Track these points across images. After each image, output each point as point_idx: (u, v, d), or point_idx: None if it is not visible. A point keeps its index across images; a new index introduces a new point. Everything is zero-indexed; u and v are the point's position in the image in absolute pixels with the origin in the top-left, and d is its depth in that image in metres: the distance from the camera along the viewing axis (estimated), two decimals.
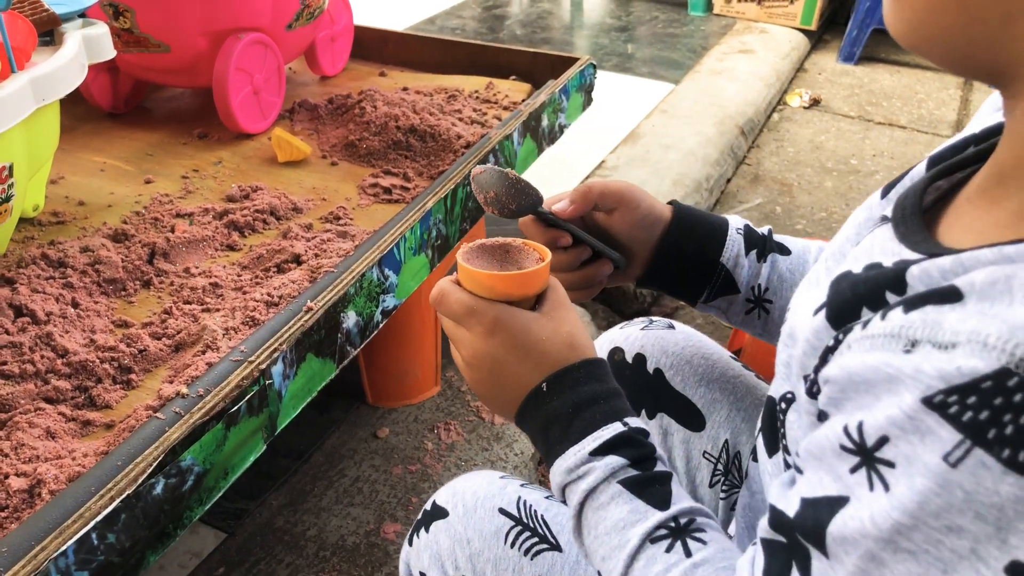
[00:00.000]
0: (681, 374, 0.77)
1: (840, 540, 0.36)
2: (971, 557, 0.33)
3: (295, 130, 1.29)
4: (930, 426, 0.33)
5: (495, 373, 0.58)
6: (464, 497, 0.68)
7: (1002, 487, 0.31)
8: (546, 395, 0.56)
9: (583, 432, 0.54)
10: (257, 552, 1.08)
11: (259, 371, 0.72)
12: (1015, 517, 0.31)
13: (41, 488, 0.63)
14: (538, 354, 0.57)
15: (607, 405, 0.55)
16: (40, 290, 0.86)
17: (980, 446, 0.32)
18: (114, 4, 1.15)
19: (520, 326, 0.57)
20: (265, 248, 0.95)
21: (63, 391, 0.75)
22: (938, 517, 0.33)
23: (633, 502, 0.52)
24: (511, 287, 0.58)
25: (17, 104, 0.80)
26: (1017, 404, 0.31)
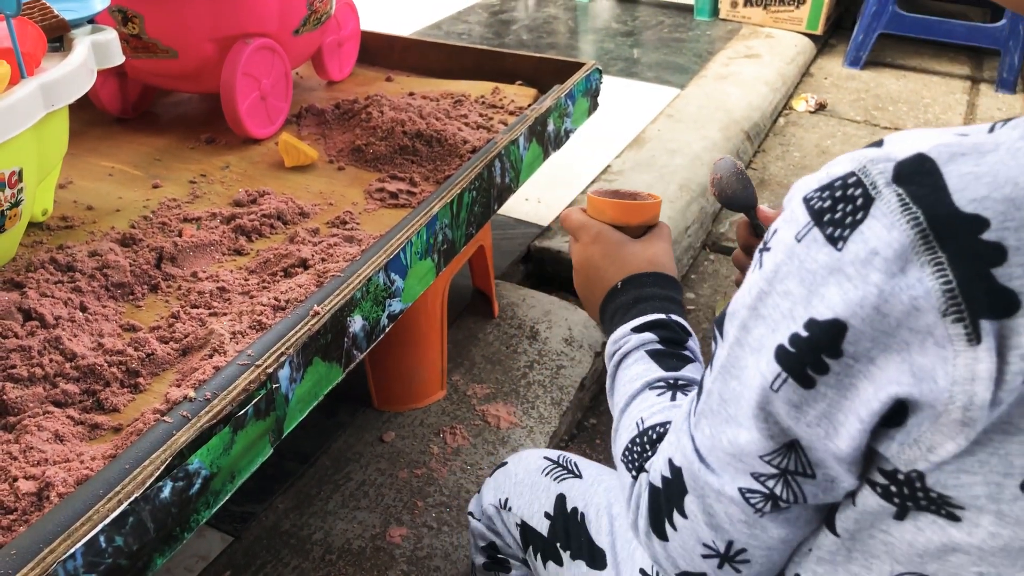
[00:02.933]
0: None
1: (730, 315, 0.46)
2: (788, 316, 0.41)
3: (302, 135, 1.30)
4: (797, 215, 0.41)
5: (590, 275, 0.73)
6: (523, 454, 0.88)
7: (819, 255, 0.39)
8: (620, 291, 0.70)
9: (634, 316, 0.67)
10: (263, 555, 1.08)
11: (266, 375, 0.72)
12: (820, 281, 0.39)
13: (49, 491, 0.63)
14: (623, 262, 0.71)
15: (660, 303, 0.68)
16: (49, 294, 0.86)
17: (817, 225, 0.40)
18: (123, 10, 1.15)
19: (615, 240, 0.72)
20: (272, 252, 0.96)
21: (71, 394, 0.75)
22: (782, 282, 0.41)
23: (649, 363, 0.63)
24: (616, 212, 0.73)
25: (27, 109, 0.81)
26: (848, 196, 0.39)
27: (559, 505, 0.80)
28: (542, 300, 1.58)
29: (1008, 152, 0.36)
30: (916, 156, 0.38)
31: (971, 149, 0.37)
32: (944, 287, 0.36)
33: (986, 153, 0.37)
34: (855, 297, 0.38)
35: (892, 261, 0.37)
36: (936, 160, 0.37)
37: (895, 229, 0.37)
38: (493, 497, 0.87)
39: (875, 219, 0.37)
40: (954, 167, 0.37)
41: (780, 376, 0.42)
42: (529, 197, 1.93)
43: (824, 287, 0.39)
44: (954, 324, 0.36)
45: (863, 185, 0.38)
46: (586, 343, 1.50)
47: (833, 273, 0.39)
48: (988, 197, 0.36)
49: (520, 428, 1.31)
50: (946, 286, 0.36)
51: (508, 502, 0.84)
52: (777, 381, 0.42)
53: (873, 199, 0.38)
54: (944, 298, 0.36)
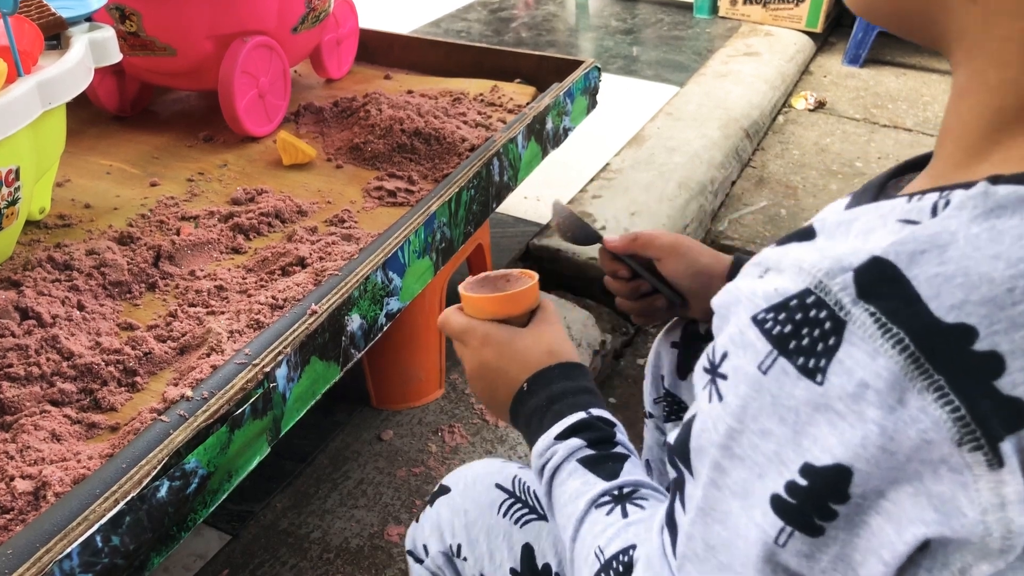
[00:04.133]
0: None
1: (697, 451, 0.42)
2: (775, 461, 0.37)
3: (300, 133, 1.29)
4: (751, 340, 0.37)
5: (490, 380, 0.67)
6: (466, 475, 0.75)
7: (796, 391, 0.36)
8: (527, 394, 0.64)
9: (553, 421, 0.61)
10: (261, 554, 1.08)
11: (263, 374, 0.72)
12: (806, 420, 0.36)
13: (46, 490, 0.63)
14: (522, 360, 0.65)
15: (575, 398, 0.62)
16: (46, 293, 0.86)
17: (783, 355, 0.36)
18: (120, 7, 1.15)
19: (505, 338, 0.66)
20: (270, 251, 0.96)
21: (68, 393, 0.75)
22: (755, 420, 0.38)
23: (585, 475, 0.58)
24: (496, 307, 0.67)
25: (24, 108, 0.81)
26: (812, 319, 0.35)
27: (526, 559, 0.70)
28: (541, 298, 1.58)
29: (969, 244, 0.34)
30: (872, 262, 0.35)
31: (928, 244, 0.34)
32: (953, 415, 0.33)
33: (946, 247, 0.34)
34: (854, 438, 0.34)
35: (886, 393, 0.34)
36: (896, 264, 0.34)
37: (880, 356, 0.33)
38: (439, 540, 0.74)
39: (852, 345, 0.34)
40: (919, 270, 0.34)
41: (784, 530, 0.38)
42: (528, 195, 1.93)
43: (813, 427, 0.36)
44: (972, 452, 0.33)
45: (826, 305, 0.35)
46: (584, 342, 1.50)
47: (820, 410, 0.35)
48: (967, 301, 0.33)
49: None
50: (955, 414, 0.33)
51: (461, 550, 0.72)
52: (782, 536, 0.38)
53: (844, 322, 0.34)
54: (956, 427, 0.33)
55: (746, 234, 1.99)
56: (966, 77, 0.40)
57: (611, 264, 0.80)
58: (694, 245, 0.78)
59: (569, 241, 0.80)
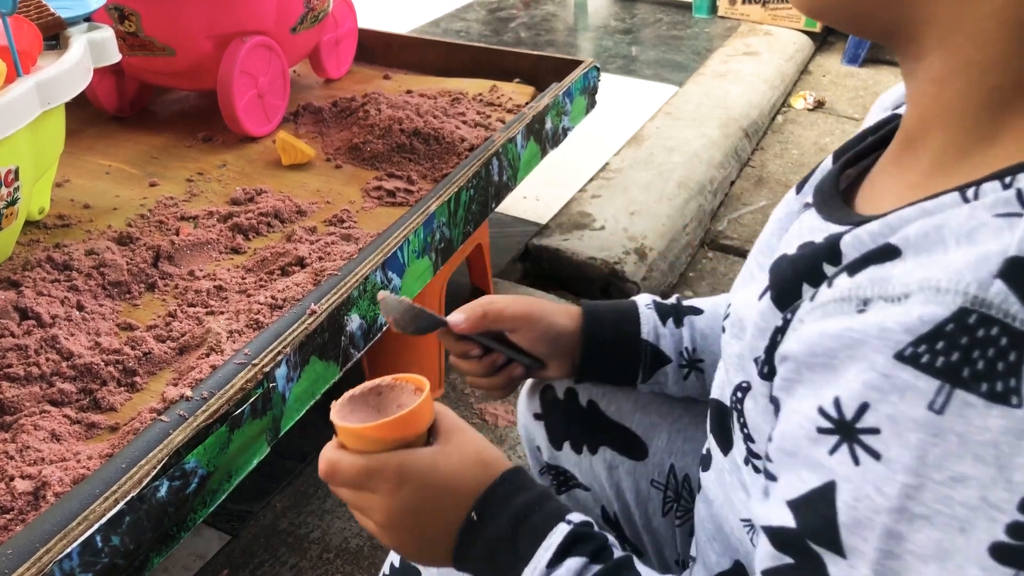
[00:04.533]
0: (615, 403, 0.75)
1: (854, 527, 0.35)
2: (983, 506, 0.32)
3: (299, 133, 1.29)
4: (907, 381, 0.33)
5: (418, 525, 0.54)
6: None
7: (990, 421, 0.32)
8: (479, 524, 0.53)
9: (531, 546, 0.51)
10: (261, 554, 1.08)
11: (263, 374, 0.72)
12: (1011, 452, 0.32)
13: (46, 490, 0.63)
14: (455, 488, 0.53)
15: (544, 510, 0.52)
16: (45, 293, 0.86)
17: (959, 387, 0.32)
18: (119, 7, 1.15)
19: (426, 466, 0.53)
20: (269, 251, 0.96)
21: (68, 394, 0.75)
22: (940, 468, 0.33)
23: None
24: (399, 430, 0.53)
25: (23, 108, 0.81)
26: (982, 339, 0.32)
27: None
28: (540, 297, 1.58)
29: None
30: (1012, 263, 0.32)
31: None
32: None
33: None
34: None
35: None
36: None
37: None
38: None
39: None
40: None
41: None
42: (527, 195, 1.93)
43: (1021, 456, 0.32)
44: None
45: (994, 320, 0.32)
46: None
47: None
48: None
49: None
50: None
51: None
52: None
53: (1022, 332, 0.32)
54: None
55: (745, 234, 1.99)
56: (943, 63, 0.39)
57: (460, 345, 0.71)
58: (545, 307, 0.72)
59: (410, 333, 0.68)
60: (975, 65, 0.38)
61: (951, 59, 0.39)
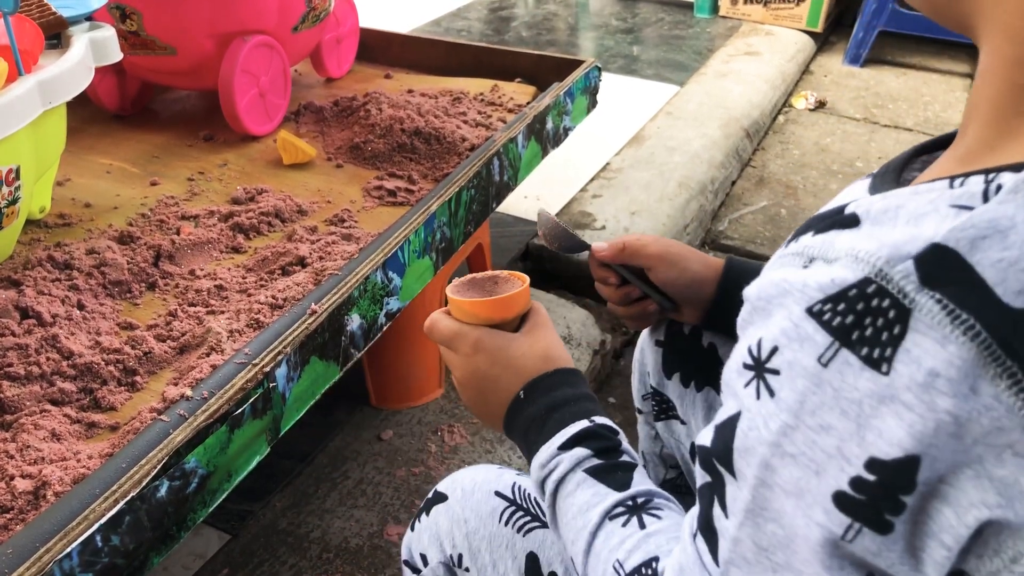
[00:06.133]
0: None
1: (743, 452, 0.40)
2: (837, 456, 0.36)
3: (300, 132, 1.29)
4: (809, 332, 0.36)
5: (481, 389, 0.64)
6: (463, 483, 0.73)
7: (860, 382, 0.35)
8: (524, 402, 0.62)
9: (554, 430, 0.59)
10: (261, 554, 1.08)
11: (263, 374, 0.72)
12: (870, 413, 0.35)
13: (46, 490, 0.63)
14: (516, 367, 0.63)
15: (576, 406, 0.60)
16: (46, 292, 0.86)
17: (845, 346, 0.35)
18: (121, 7, 1.15)
19: (499, 345, 0.63)
20: (270, 250, 0.96)
21: (68, 393, 0.75)
22: (813, 414, 0.36)
23: (595, 486, 0.56)
24: (489, 311, 0.64)
25: (24, 107, 0.81)
26: (874, 308, 0.35)
27: (531, 568, 0.68)
28: (541, 298, 1.58)
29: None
30: (933, 249, 0.34)
31: (988, 229, 0.34)
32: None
33: (1006, 232, 0.34)
34: (925, 429, 0.34)
35: (959, 382, 0.33)
36: (957, 250, 0.34)
37: (950, 343, 0.33)
38: (439, 549, 0.72)
39: (919, 334, 0.33)
40: (981, 256, 0.33)
41: (852, 527, 0.37)
42: (528, 195, 1.93)
43: (877, 419, 0.35)
44: None
45: (888, 294, 0.34)
46: (584, 341, 1.50)
47: (885, 402, 0.34)
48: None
49: None
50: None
51: (463, 560, 0.70)
52: (850, 532, 0.37)
53: (910, 310, 0.34)
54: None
55: (746, 234, 1.99)
56: (987, 55, 0.40)
57: (600, 271, 0.79)
58: (683, 251, 0.77)
59: (556, 250, 0.78)
60: (1009, 61, 0.39)
61: (993, 54, 0.40)
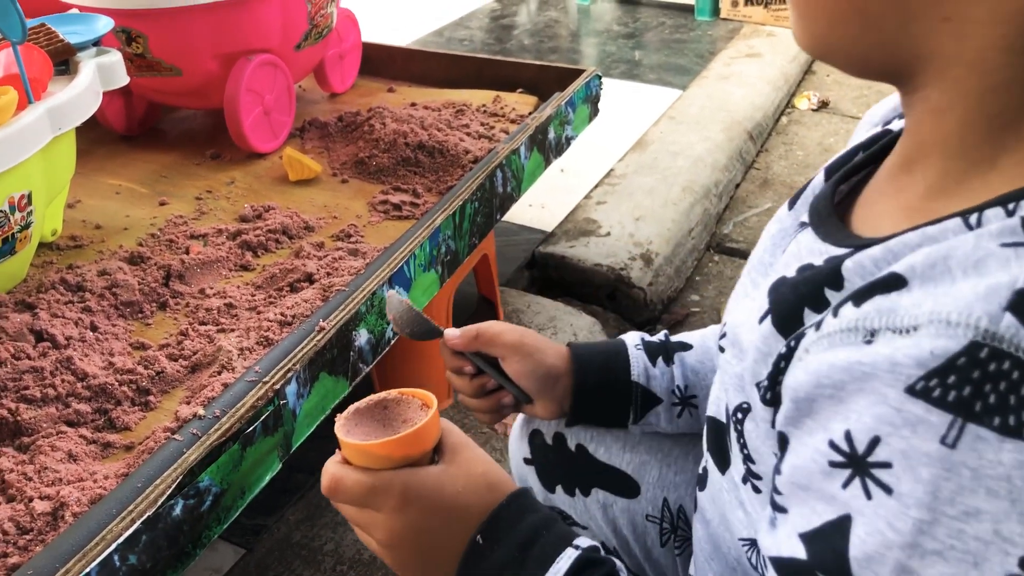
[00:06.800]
0: (603, 446, 0.76)
1: (866, 562, 0.35)
2: (996, 540, 0.33)
3: (305, 148, 1.31)
4: (919, 415, 0.33)
5: (420, 546, 0.53)
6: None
7: (1003, 455, 0.32)
8: (484, 548, 0.52)
9: (539, 571, 0.50)
10: (276, 567, 1.09)
11: (273, 391, 0.73)
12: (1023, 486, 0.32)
13: (64, 511, 0.64)
14: (461, 509, 0.53)
15: (552, 534, 0.52)
16: (60, 314, 0.88)
17: (972, 421, 0.32)
18: (127, 30, 1.17)
19: (432, 486, 0.52)
20: (278, 268, 0.97)
21: (83, 414, 0.76)
22: (953, 503, 0.33)
23: None
24: (406, 448, 0.52)
25: (35, 134, 0.82)
26: (994, 373, 0.32)
27: None
28: (547, 306, 1.59)
29: None
30: (1019, 295, 0.33)
31: None
32: None
33: None
34: None
35: None
36: None
37: None
38: None
39: None
40: None
41: None
42: (533, 203, 1.94)
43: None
44: None
45: (1006, 355, 0.32)
46: None
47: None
48: None
49: None
50: None
51: None
52: None
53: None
54: None
55: (751, 236, 1.99)
56: (940, 93, 0.40)
57: (453, 361, 0.72)
58: (538, 343, 0.72)
59: (407, 336, 0.70)
60: (974, 94, 0.38)
61: (949, 90, 0.39)
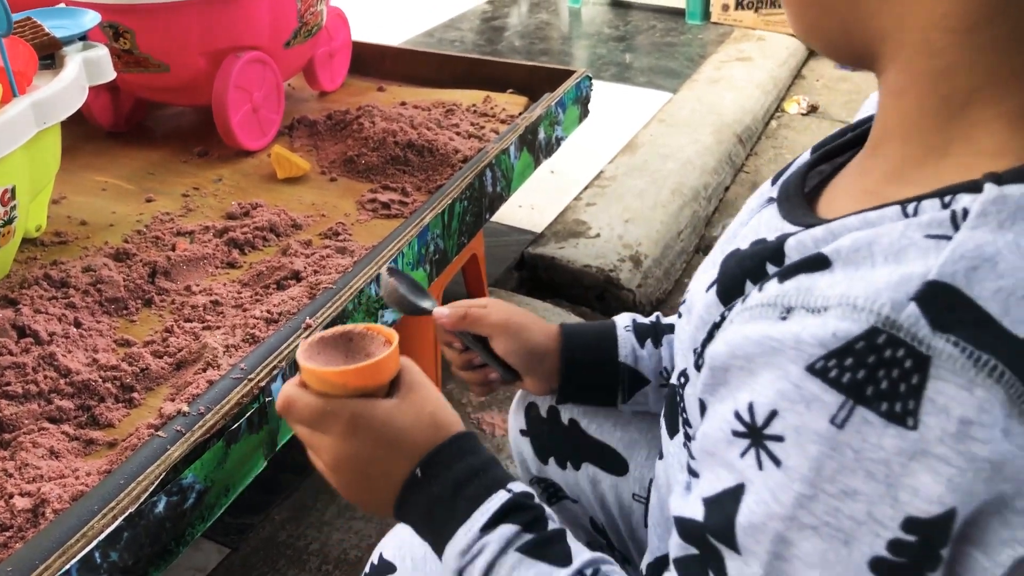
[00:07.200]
0: (596, 422, 0.77)
1: (749, 529, 0.37)
2: (868, 521, 0.34)
3: (294, 146, 1.30)
4: (815, 393, 0.34)
5: (364, 472, 0.55)
6: (412, 550, 0.66)
7: (885, 440, 0.33)
8: (422, 481, 0.53)
9: (469, 509, 0.51)
10: (260, 567, 1.08)
11: (259, 388, 0.73)
12: (901, 471, 0.33)
13: (45, 507, 0.63)
14: (405, 443, 0.54)
15: (486, 476, 0.53)
16: (43, 310, 0.87)
17: (861, 404, 0.33)
18: (114, 25, 1.16)
19: (381, 418, 0.54)
20: (265, 265, 0.96)
21: (66, 410, 0.75)
22: (833, 481, 0.34)
23: (535, 566, 0.50)
24: (362, 379, 0.53)
25: (19, 128, 0.81)
26: (888, 359, 0.32)
27: None
28: (536, 306, 1.59)
29: (1012, 253, 0.33)
30: (930, 288, 0.33)
31: (976, 259, 0.33)
32: None
33: (994, 260, 0.33)
34: (964, 481, 0.32)
35: (992, 426, 0.32)
36: (956, 286, 0.33)
37: (976, 387, 0.32)
38: None
39: (942, 381, 0.32)
40: (979, 288, 0.32)
41: None
42: (523, 204, 1.94)
43: (910, 477, 0.33)
44: None
45: (901, 343, 0.32)
46: None
47: (917, 458, 0.32)
48: None
49: None
50: None
51: None
52: None
53: (928, 357, 0.32)
54: None
55: None
56: (897, 74, 0.40)
57: (444, 335, 0.74)
58: (525, 321, 0.72)
59: (399, 312, 0.72)
60: (925, 76, 0.38)
61: (904, 71, 0.39)
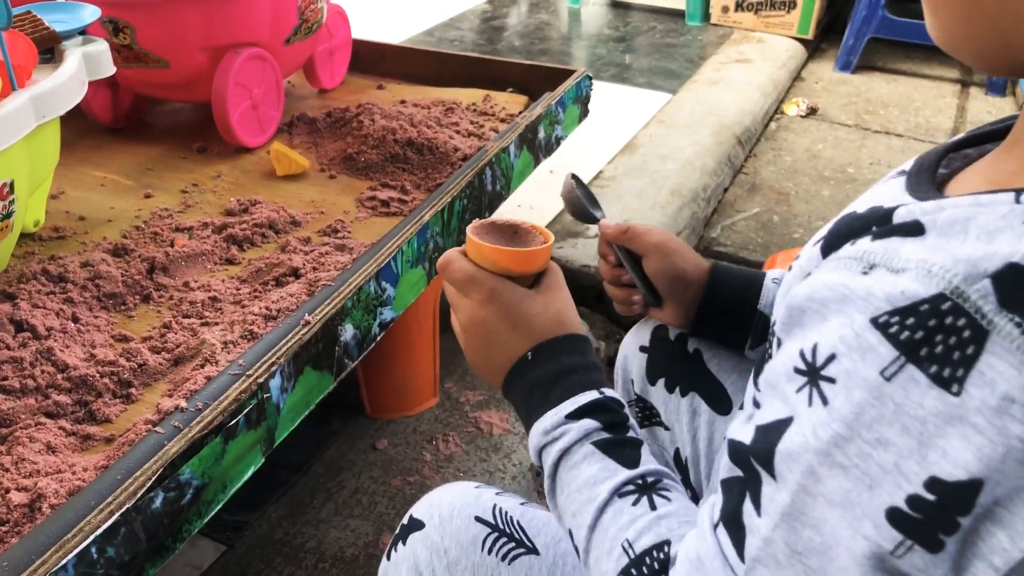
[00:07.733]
0: (718, 358, 0.80)
1: (786, 456, 0.39)
2: (894, 472, 0.35)
3: (294, 144, 1.30)
4: (872, 343, 0.36)
5: (487, 340, 0.62)
6: (440, 508, 0.69)
7: (926, 400, 0.34)
8: (531, 363, 0.60)
9: (561, 397, 0.57)
10: (257, 564, 1.08)
11: (257, 385, 0.72)
12: (935, 432, 0.34)
13: (41, 502, 0.63)
14: (527, 326, 0.61)
15: (586, 375, 0.58)
16: (41, 305, 0.87)
17: (912, 362, 0.35)
18: (114, 20, 1.16)
19: (514, 299, 0.61)
20: (264, 262, 0.96)
21: (63, 405, 0.75)
22: (871, 428, 0.36)
23: (604, 461, 0.54)
24: (511, 262, 0.62)
25: (18, 121, 0.81)
26: (947, 326, 0.34)
27: None
28: None
29: None
30: (1010, 269, 0.33)
31: None
32: None
33: None
34: (994, 453, 0.33)
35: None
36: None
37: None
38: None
39: (995, 356, 0.33)
40: None
41: (904, 544, 0.36)
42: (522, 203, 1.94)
43: (942, 439, 0.34)
44: None
45: (964, 313, 0.33)
46: None
47: (952, 423, 0.34)
48: None
49: (513, 435, 1.31)
50: None
51: None
52: (900, 548, 0.36)
53: (987, 332, 0.33)
54: None
55: (739, 240, 2.00)
56: None
57: (603, 246, 0.81)
58: (680, 248, 0.77)
59: (571, 215, 0.82)
60: None
61: None
